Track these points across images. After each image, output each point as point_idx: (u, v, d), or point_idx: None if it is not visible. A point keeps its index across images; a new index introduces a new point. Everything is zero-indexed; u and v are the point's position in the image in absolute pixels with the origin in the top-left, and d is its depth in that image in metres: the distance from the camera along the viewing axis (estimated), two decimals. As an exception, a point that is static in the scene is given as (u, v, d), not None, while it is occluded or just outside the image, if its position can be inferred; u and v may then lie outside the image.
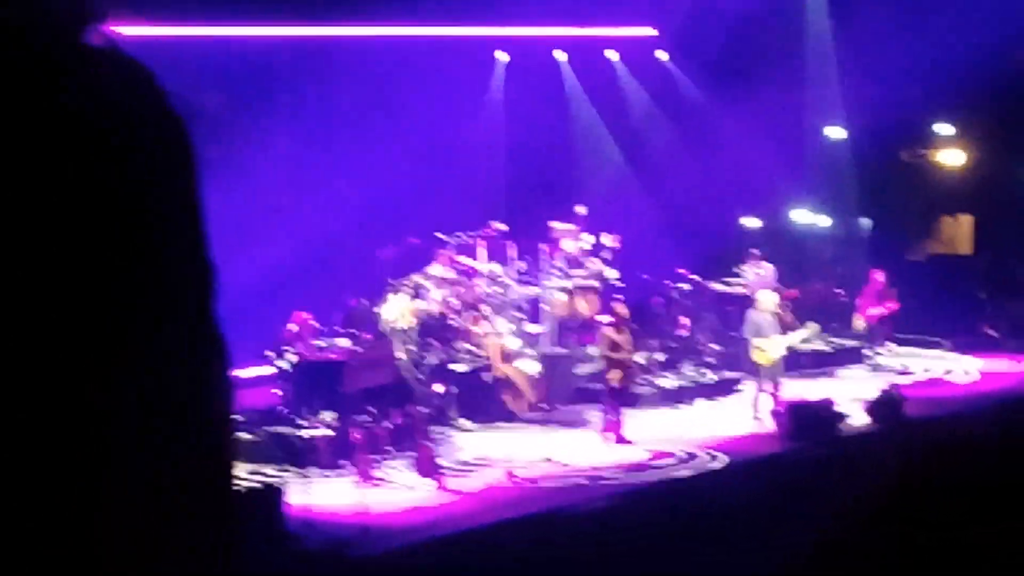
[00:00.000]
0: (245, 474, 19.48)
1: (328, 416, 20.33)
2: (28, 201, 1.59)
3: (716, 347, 25.95)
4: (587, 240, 26.16)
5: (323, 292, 22.91)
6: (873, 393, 22.90)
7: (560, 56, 30.16)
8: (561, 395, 23.91)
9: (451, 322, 23.43)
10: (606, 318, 23.10)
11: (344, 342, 22.02)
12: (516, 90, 29.09)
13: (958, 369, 27.11)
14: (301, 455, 19.30)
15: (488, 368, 23.10)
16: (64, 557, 1.60)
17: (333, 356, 21.42)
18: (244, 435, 20.30)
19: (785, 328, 23.98)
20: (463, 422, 22.30)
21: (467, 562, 16.42)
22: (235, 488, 1.87)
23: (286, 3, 24.08)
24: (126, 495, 1.62)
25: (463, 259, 25.00)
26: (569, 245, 25.82)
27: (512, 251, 25.27)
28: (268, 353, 21.56)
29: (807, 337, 25.07)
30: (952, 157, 31.91)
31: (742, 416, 23.01)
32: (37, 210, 1.60)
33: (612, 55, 30.89)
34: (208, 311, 1.80)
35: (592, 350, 24.29)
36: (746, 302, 24.92)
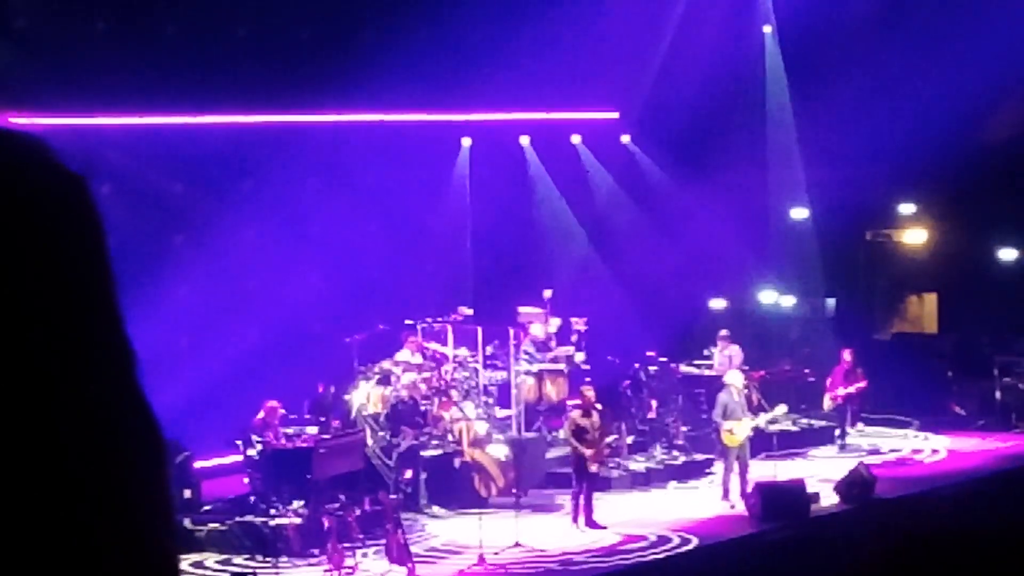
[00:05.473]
0: (214, 564, 19.33)
1: (298, 504, 20.20)
2: None
3: (685, 429, 25.90)
4: (555, 323, 26.18)
5: (292, 379, 22.83)
6: (843, 473, 22.88)
7: (524, 140, 30.27)
8: (531, 479, 23.79)
9: (420, 407, 23.35)
10: (575, 402, 23.07)
11: (313, 429, 21.93)
12: (481, 175, 29.17)
13: (927, 448, 27.10)
14: (271, 544, 19.14)
15: (458, 453, 23.00)
16: None
17: (302, 443, 21.31)
18: (213, 524, 20.15)
19: (753, 409, 23.97)
20: (434, 508, 22.18)
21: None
22: None
23: (253, 90, 24.13)
24: None
25: (431, 344, 24.97)
26: (537, 329, 25.83)
27: (480, 335, 25.24)
28: (237, 441, 21.45)
29: (776, 418, 25.08)
30: (915, 236, 32.11)
31: (713, 498, 22.94)
32: None
33: (575, 138, 31.02)
34: (138, 398, 1.56)
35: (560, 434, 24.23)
36: (715, 383, 24.92)
